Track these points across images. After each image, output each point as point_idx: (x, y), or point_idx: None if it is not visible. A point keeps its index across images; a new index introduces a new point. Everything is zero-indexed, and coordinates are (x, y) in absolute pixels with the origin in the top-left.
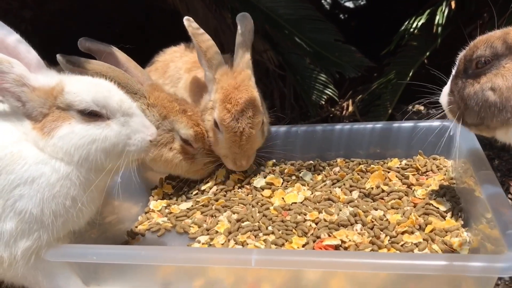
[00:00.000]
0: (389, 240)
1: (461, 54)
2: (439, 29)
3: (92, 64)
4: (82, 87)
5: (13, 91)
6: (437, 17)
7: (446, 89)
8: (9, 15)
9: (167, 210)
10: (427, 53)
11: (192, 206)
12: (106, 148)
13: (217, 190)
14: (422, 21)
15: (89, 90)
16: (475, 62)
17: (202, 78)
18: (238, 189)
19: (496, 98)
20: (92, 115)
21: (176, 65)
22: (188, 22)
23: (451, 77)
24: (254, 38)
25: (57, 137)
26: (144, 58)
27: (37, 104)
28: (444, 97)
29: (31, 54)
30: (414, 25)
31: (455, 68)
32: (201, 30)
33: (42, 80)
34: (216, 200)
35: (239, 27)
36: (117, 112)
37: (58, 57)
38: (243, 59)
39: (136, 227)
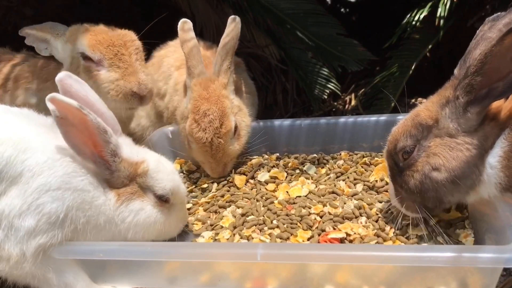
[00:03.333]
0: (394, 233)
1: (384, 151)
2: (441, 21)
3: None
4: (163, 176)
5: (108, 159)
6: (439, 10)
7: (391, 191)
8: (10, 12)
9: None
10: (430, 46)
11: (194, 203)
12: (160, 230)
13: (219, 186)
14: (424, 13)
15: (169, 180)
16: (400, 154)
17: None
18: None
19: (445, 174)
20: (163, 200)
21: (168, 61)
22: (182, 25)
23: (389, 179)
24: (256, 33)
25: (128, 209)
26: (145, 53)
27: (122, 175)
28: (395, 200)
29: (111, 116)
30: (416, 18)
31: (387, 168)
32: (191, 36)
33: (126, 151)
34: (222, 196)
35: (225, 31)
36: (179, 200)
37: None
38: (222, 66)
39: None
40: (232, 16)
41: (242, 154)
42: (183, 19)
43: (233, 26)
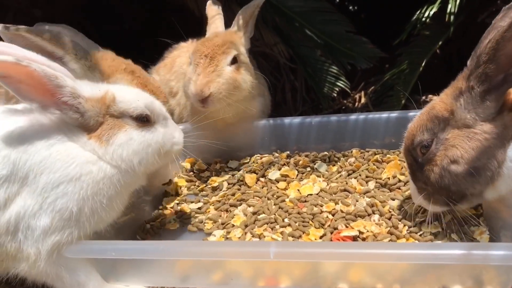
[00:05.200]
0: (407, 230)
1: (402, 149)
2: (451, 17)
3: (27, 29)
4: (132, 96)
5: (71, 103)
6: (449, 6)
7: (413, 189)
8: (19, 14)
9: (179, 207)
10: (440, 42)
11: (205, 202)
12: (159, 149)
13: (229, 185)
14: (434, 10)
15: (139, 98)
16: (418, 149)
17: None
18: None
19: (464, 166)
20: (144, 120)
21: (181, 61)
22: (210, 3)
23: (409, 177)
24: (264, 31)
25: (116, 145)
26: (154, 54)
27: (93, 114)
28: (418, 198)
29: (58, 66)
30: (426, 14)
31: (407, 165)
32: (217, 10)
33: (87, 90)
34: (233, 195)
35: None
36: (160, 116)
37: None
38: (239, 22)
39: (148, 223)
40: None
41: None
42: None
43: None
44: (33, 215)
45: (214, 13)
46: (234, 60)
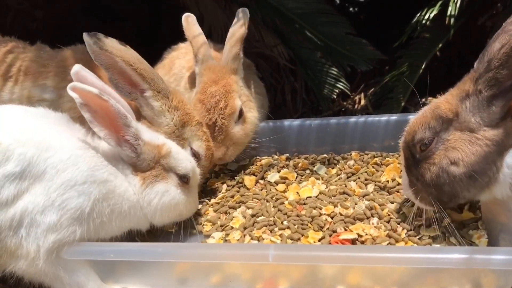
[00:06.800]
0: (406, 234)
1: (401, 142)
2: (452, 20)
3: (120, 51)
4: (184, 157)
5: (132, 143)
6: (450, 8)
7: (405, 181)
8: (20, 14)
9: None
10: (440, 45)
11: (204, 204)
12: (180, 210)
13: (228, 187)
14: (434, 12)
15: (189, 160)
16: (418, 146)
17: None
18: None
19: (462, 169)
20: (184, 181)
21: (180, 63)
22: (186, 18)
23: (403, 169)
24: (264, 33)
25: (153, 191)
26: (154, 55)
27: (148, 158)
28: (408, 190)
29: (126, 105)
30: (426, 17)
31: (402, 158)
32: (196, 26)
33: (147, 134)
34: (232, 197)
35: (234, 21)
36: (195, 182)
37: (85, 36)
38: (231, 53)
39: None
40: (241, 8)
41: (248, 148)
42: (186, 13)
43: (241, 16)
44: (41, 211)
45: (196, 34)
46: (240, 113)
